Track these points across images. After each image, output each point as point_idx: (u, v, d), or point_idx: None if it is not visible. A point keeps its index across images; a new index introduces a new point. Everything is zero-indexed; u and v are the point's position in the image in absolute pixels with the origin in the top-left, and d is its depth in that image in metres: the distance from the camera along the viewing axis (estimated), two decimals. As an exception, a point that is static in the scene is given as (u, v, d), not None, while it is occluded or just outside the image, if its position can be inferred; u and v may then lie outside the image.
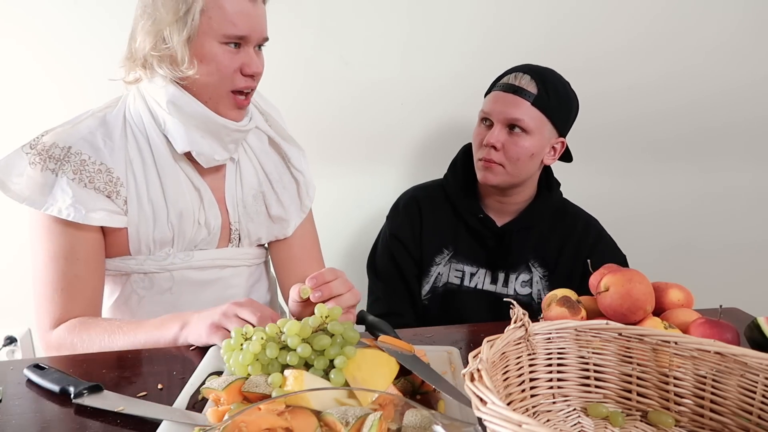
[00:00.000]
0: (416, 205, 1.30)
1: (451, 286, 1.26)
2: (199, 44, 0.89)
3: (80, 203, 0.89)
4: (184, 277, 1.00)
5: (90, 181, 0.91)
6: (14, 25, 1.31)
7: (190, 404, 0.67)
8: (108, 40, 1.34)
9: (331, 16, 1.42)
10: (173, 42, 0.88)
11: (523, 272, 1.24)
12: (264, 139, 1.09)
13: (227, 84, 0.92)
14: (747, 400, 0.59)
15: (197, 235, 1.00)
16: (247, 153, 1.07)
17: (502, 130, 1.15)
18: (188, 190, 0.98)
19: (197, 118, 0.93)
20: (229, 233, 1.05)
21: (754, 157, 1.67)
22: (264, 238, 1.10)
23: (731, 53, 1.57)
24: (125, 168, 0.94)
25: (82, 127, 0.94)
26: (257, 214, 1.07)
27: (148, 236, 0.96)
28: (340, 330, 0.68)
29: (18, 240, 1.41)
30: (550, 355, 0.66)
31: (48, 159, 0.89)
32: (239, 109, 0.95)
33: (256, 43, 0.93)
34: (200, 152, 0.95)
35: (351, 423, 0.51)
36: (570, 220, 1.27)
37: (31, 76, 1.34)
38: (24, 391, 0.72)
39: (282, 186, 1.09)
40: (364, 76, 1.47)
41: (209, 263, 1.02)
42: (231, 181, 1.04)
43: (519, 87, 1.14)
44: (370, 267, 1.35)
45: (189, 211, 0.98)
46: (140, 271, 0.98)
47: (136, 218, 0.95)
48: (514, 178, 1.18)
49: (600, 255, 1.20)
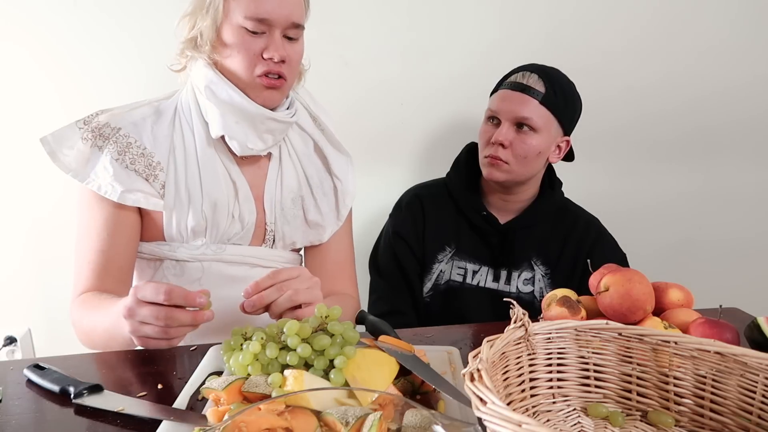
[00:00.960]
0: (419, 202, 1.31)
1: (453, 284, 1.26)
2: (224, 27, 0.91)
3: (119, 182, 0.93)
4: (214, 270, 1.00)
5: (132, 162, 0.95)
6: (13, 26, 1.31)
7: (190, 404, 0.67)
8: (107, 41, 1.34)
9: (331, 16, 1.42)
10: (204, 26, 0.92)
11: (526, 270, 1.24)
12: (309, 143, 1.09)
13: (250, 68, 0.92)
14: (747, 400, 0.59)
15: (231, 229, 1.00)
16: (291, 155, 1.06)
17: (510, 128, 1.15)
18: (224, 181, 0.99)
19: (230, 103, 0.94)
20: (264, 233, 1.05)
21: (755, 156, 1.67)
22: (299, 242, 1.09)
23: (730, 53, 1.57)
24: (168, 154, 0.97)
25: (137, 113, 0.98)
26: (294, 218, 1.06)
27: (182, 223, 0.97)
28: (340, 330, 0.68)
29: (20, 242, 1.42)
30: (550, 355, 0.66)
31: (98, 137, 0.94)
32: (269, 90, 0.94)
33: (283, 29, 0.92)
34: (233, 137, 0.95)
35: (351, 423, 0.51)
36: (571, 218, 1.28)
37: (31, 76, 1.34)
38: (24, 391, 0.72)
39: (322, 192, 1.09)
40: (364, 76, 1.47)
41: (240, 259, 1.02)
42: (272, 181, 1.04)
43: (527, 85, 1.14)
44: (372, 265, 1.35)
45: (223, 203, 0.98)
46: (173, 258, 0.99)
47: (172, 203, 0.96)
48: (520, 176, 1.19)
49: (600, 253, 1.21)
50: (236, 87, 0.94)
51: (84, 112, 0.99)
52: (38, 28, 1.32)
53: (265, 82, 0.93)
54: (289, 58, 0.94)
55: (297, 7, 0.93)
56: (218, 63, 0.94)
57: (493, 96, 1.22)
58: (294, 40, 0.95)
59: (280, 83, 0.95)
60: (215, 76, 0.94)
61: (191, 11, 0.94)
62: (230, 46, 0.92)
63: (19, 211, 1.40)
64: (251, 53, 0.91)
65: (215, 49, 0.93)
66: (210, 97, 0.94)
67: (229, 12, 0.90)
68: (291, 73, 0.96)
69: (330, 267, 1.11)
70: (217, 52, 0.93)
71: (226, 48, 0.92)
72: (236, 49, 0.91)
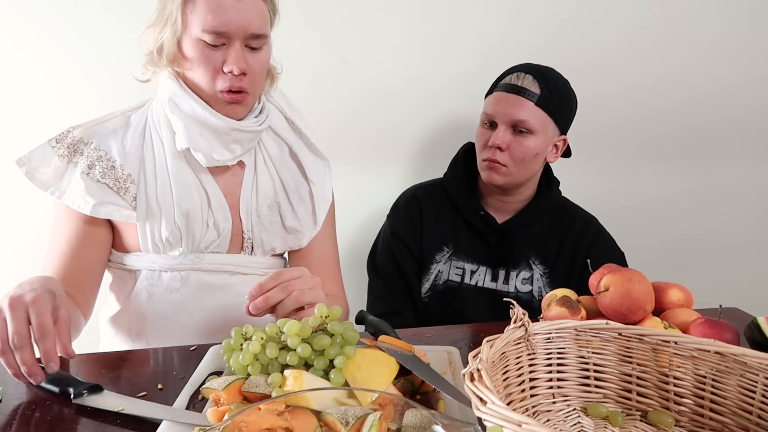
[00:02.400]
0: (416, 203, 1.31)
1: (451, 284, 1.26)
2: (184, 40, 0.90)
3: (91, 195, 0.94)
4: (193, 279, 1.00)
5: (102, 176, 0.95)
6: (14, 25, 1.31)
7: (190, 404, 0.67)
8: (109, 40, 1.34)
9: (331, 16, 1.42)
10: (165, 38, 0.90)
11: (524, 269, 1.24)
12: (284, 148, 1.08)
13: (212, 82, 0.91)
14: (747, 400, 0.59)
15: (207, 237, 1.00)
16: (266, 162, 1.05)
17: (507, 131, 1.15)
18: (196, 190, 0.98)
19: (193, 115, 0.93)
20: (242, 240, 1.04)
21: (755, 156, 1.67)
22: (279, 248, 1.08)
23: (729, 52, 1.57)
24: (138, 166, 0.97)
25: (109, 124, 0.99)
26: (272, 224, 1.05)
27: (156, 234, 0.97)
28: (339, 330, 0.68)
29: (18, 241, 1.41)
30: (550, 355, 0.66)
31: (74, 152, 0.96)
32: (231, 105, 0.93)
33: (243, 40, 0.89)
34: (198, 149, 0.95)
35: (351, 423, 0.51)
36: (569, 217, 1.27)
37: (31, 76, 1.34)
38: (24, 391, 0.72)
39: (298, 197, 1.08)
40: (365, 76, 1.47)
41: (219, 267, 1.02)
42: (247, 188, 1.03)
43: (522, 87, 1.14)
44: (371, 266, 1.35)
45: (196, 212, 0.98)
46: (149, 269, 0.99)
47: (144, 214, 0.96)
48: (519, 177, 1.19)
49: (599, 252, 1.21)
50: (200, 99, 0.93)
51: (84, 111, 0.99)
52: (39, 28, 1.32)
53: (227, 98, 0.92)
54: (251, 70, 0.91)
55: (257, 17, 0.89)
56: (182, 75, 0.94)
57: (488, 98, 1.21)
58: (257, 50, 0.92)
59: (242, 97, 0.93)
60: (178, 89, 0.93)
61: (153, 22, 0.92)
62: (191, 60, 0.90)
63: (19, 211, 1.40)
64: (211, 67, 0.90)
65: (177, 61, 0.92)
66: (173, 110, 0.94)
67: (187, 24, 0.88)
68: (254, 85, 0.94)
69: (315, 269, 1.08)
70: (179, 65, 0.93)
71: (187, 61, 0.91)
72: (196, 62, 0.90)
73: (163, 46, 0.91)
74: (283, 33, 1.29)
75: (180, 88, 0.93)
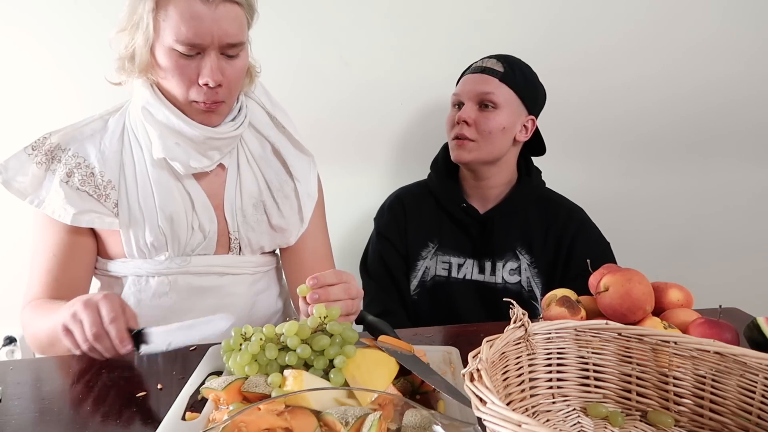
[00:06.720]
0: (400, 202, 1.33)
1: (439, 279, 1.27)
2: (157, 48, 0.87)
3: (71, 204, 0.92)
4: (181, 283, 0.99)
5: (81, 183, 0.93)
6: (12, 25, 1.31)
7: (189, 404, 0.67)
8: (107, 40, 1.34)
9: (331, 16, 1.42)
10: (137, 44, 0.87)
11: (511, 260, 1.24)
12: (267, 146, 1.06)
13: (186, 93, 0.88)
14: (747, 400, 0.59)
15: (193, 240, 0.99)
16: (249, 161, 1.04)
17: (473, 107, 1.19)
18: (179, 194, 0.97)
19: (167, 125, 0.91)
20: (228, 241, 1.03)
21: (755, 156, 1.67)
22: (267, 247, 1.07)
23: (729, 51, 1.57)
24: (118, 172, 0.95)
25: (86, 129, 0.97)
26: (258, 224, 1.04)
27: (140, 240, 0.96)
28: (339, 330, 0.68)
29: (17, 241, 1.41)
30: (550, 355, 0.66)
31: (51, 159, 0.93)
32: (207, 113, 0.91)
33: (218, 49, 0.86)
34: (174, 158, 0.93)
35: (351, 423, 0.51)
36: (553, 207, 1.27)
37: (30, 75, 1.34)
38: (24, 391, 0.72)
39: (283, 195, 1.06)
40: (364, 76, 1.47)
41: (207, 269, 1.01)
42: (231, 189, 1.02)
43: (486, 67, 1.20)
44: (363, 268, 1.36)
45: (180, 215, 0.97)
46: (136, 274, 0.98)
47: (127, 221, 0.95)
48: (487, 154, 1.20)
49: (583, 242, 1.22)
50: (175, 107, 0.91)
51: (83, 111, 0.99)
52: (39, 28, 1.32)
53: (202, 107, 0.90)
54: (227, 80, 0.89)
55: (233, 25, 0.85)
56: (156, 83, 0.91)
57: (457, 85, 1.26)
58: (234, 57, 0.89)
59: (217, 106, 0.91)
60: (152, 97, 0.91)
61: (123, 26, 0.88)
62: (164, 69, 0.87)
63: (19, 211, 1.40)
64: (186, 78, 0.87)
65: (150, 70, 0.89)
66: (148, 119, 0.92)
67: (160, 32, 0.84)
68: (230, 93, 0.92)
69: (308, 265, 1.09)
70: (153, 74, 0.89)
71: (161, 69, 0.88)
72: (170, 72, 0.87)
73: (134, 53, 0.87)
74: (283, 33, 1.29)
75: (153, 97, 0.91)
